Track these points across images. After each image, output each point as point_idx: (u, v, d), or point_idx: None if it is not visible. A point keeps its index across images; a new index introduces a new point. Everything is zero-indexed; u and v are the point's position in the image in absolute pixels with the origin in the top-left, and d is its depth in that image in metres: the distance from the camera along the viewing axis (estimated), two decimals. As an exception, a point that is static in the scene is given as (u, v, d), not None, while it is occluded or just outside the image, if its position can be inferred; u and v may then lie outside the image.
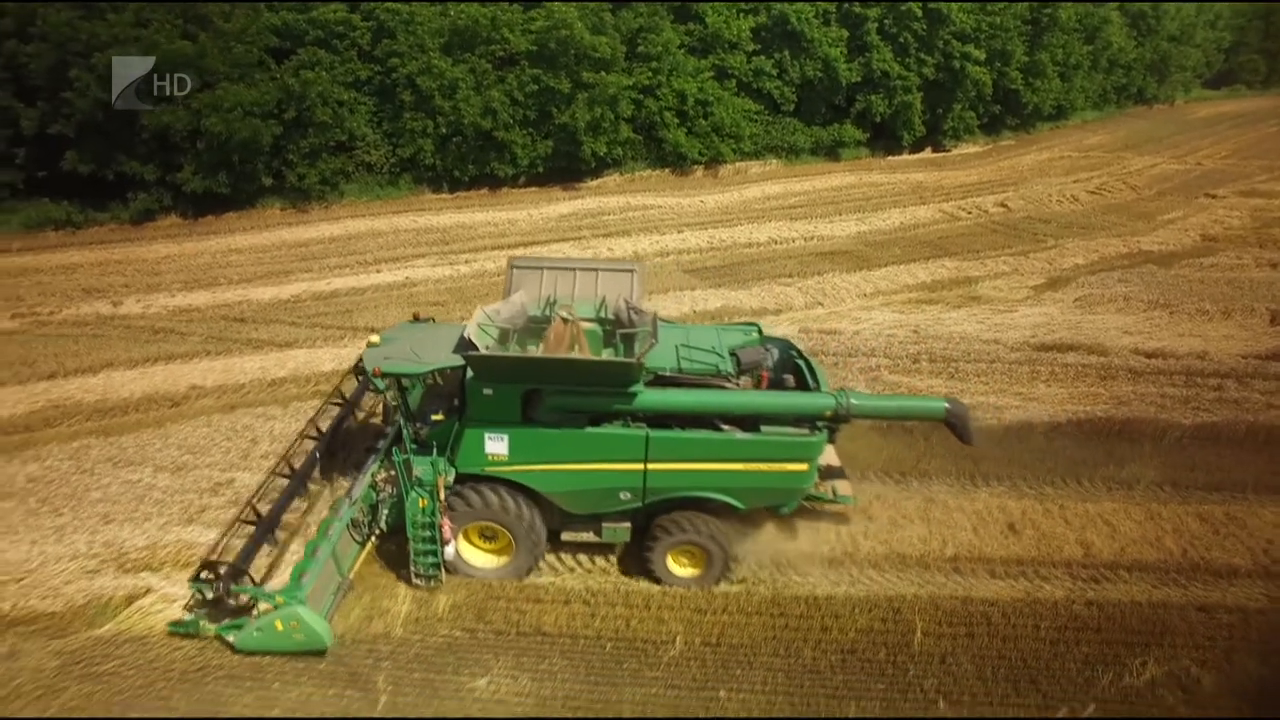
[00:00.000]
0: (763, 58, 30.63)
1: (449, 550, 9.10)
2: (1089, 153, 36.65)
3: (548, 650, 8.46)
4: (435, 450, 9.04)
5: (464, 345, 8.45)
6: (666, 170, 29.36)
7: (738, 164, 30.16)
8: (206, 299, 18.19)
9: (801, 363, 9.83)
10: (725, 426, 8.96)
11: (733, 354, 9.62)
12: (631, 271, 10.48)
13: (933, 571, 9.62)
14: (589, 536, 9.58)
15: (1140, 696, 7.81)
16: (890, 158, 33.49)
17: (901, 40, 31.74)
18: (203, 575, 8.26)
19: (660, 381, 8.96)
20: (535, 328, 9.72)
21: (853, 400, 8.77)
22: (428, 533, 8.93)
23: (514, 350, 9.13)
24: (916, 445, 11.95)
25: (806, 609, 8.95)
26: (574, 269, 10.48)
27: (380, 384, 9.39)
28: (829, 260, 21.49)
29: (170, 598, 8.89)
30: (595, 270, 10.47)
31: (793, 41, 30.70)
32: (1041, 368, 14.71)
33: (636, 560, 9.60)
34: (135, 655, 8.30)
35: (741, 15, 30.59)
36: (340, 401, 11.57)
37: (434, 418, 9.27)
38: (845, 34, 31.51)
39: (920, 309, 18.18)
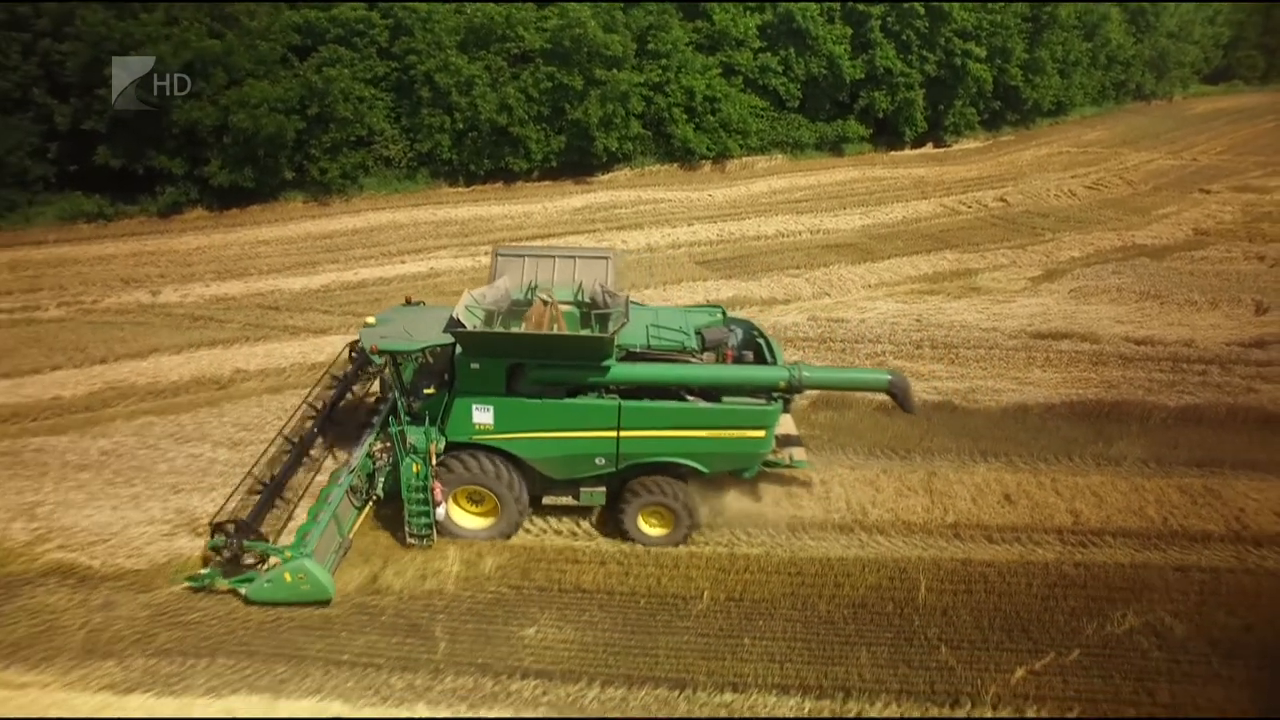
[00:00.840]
0: (769, 55, 31.39)
1: (440, 512, 9.98)
2: (1087, 148, 37.40)
3: (588, 604, 9.36)
4: (427, 421, 9.94)
5: (453, 324, 9.37)
6: (675, 165, 30.15)
7: (744, 159, 30.93)
8: (240, 288, 19.03)
9: (762, 341, 10.79)
10: (690, 397, 9.87)
11: (698, 333, 10.55)
12: (606, 259, 11.41)
13: (935, 537, 10.51)
14: (568, 500, 10.48)
15: (1120, 643, 8.70)
16: (893, 153, 34.26)
17: (904, 38, 32.49)
18: (216, 536, 9.09)
19: (631, 357, 9.86)
20: (518, 310, 10.60)
21: (804, 373, 9.69)
22: (421, 495, 9.82)
23: (499, 328, 10.01)
24: (920, 425, 12.83)
25: (821, 568, 9.84)
26: (554, 256, 11.45)
27: (377, 360, 10.23)
28: (834, 252, 22.34)
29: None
30: (573, 258, 11.43)
31: (798, 39, 31.43)
32: (1037, 354, 15.58)
33: (611, 522, 10.50)
34: (215, 607, 9.19)
35: (748, 13, 31.36)
36: (334, 381, 12.35)
37: (426, 391, 10.16)
38: (849, 32, 32.26)
39: (922, 299, 19.04)
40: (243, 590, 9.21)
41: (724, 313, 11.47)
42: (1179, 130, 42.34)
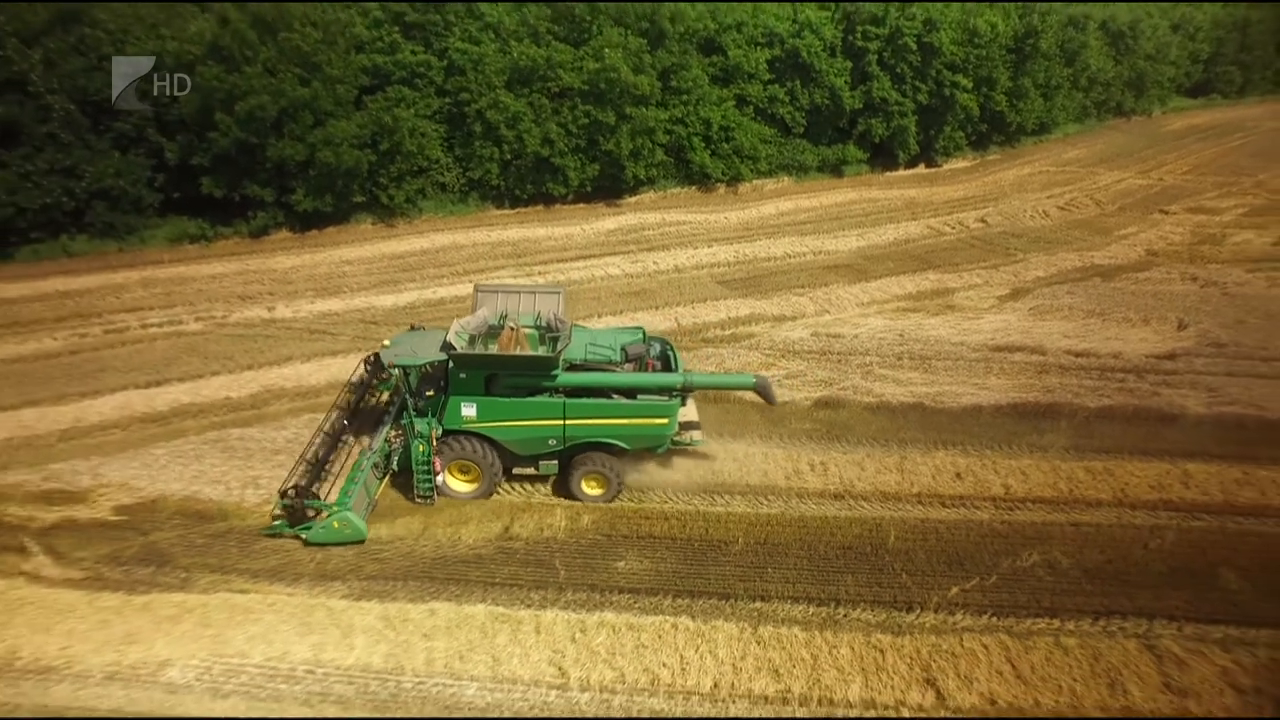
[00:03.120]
0: (777, 86, 35.15)
1: (439, 479, 14.03)
2: (1065, 167, 40.89)
3: (658, 546, 13.37)
4: (430, 414, 13.93)
5: (447, 346, 13.35)
6: (693, 188, 33.95)
7: (754, 182, 34.72)
8: (340, 305, 22.86)
9: (671, 354, 14.85)
10: (615, 395, 13.82)
11: (623, 349, 14.50)
12: (558, 294, 15.64)
13: (903, 502, 14.49)
14: (531, 470, 14.47)
15: (1025, 572, 12.70)
16: (888, 174, 37.89)
17: (898, 71, 36.17)
18: (284, 498, 12.90)
19: (573, 367, 13.89)
20: (493, 333, 14.68)
21: (693, 378, 13.88)
22: (425, 468, 13.82)
23: (479, 349, 14.02)
24: (896, 420, 16.80)
25: (821, 523, 13.85)
26: (519, 292, 15.77)
27: (394, 371, 14.32)
28: (834, 273, 26.15)
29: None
30: (534, 293, 15.83)
31: (803, 72, 35.17)
32: (994, 364, 19.44)
33: (562, 485, 14.39)
34: (397, 550, 13.19)
35: (758, 48, 35.09)
36: (353, 389, 16.35)
37: (428, 394, 14.30)
38: (849, 65, 35.98)
39: (906, 316, 22.84)
40: (303, 535, 13.02)
41: (644, 333, 15.55)
42: (1151, 149, 45.75)
